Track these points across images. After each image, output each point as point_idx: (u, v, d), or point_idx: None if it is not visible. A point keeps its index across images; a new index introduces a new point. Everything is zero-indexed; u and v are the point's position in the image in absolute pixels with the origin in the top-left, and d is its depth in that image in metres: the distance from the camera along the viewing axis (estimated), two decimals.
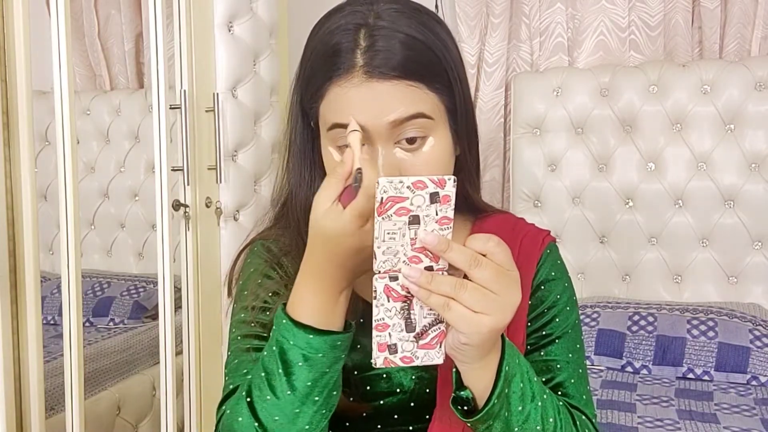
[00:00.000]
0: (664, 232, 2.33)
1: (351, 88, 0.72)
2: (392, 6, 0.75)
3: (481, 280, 0.62)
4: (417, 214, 0.62)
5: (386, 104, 0.72)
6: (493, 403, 0.69)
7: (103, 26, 2.51)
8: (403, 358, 0.65)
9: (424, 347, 0.65)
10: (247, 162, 2.00)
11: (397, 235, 0.62)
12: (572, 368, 0.84)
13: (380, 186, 0.61)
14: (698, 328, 2.04)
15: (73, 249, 1.51)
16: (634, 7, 2.41)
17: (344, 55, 0.73)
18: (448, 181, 0.61)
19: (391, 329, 0.64)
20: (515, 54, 2.54)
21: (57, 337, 1.69)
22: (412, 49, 0.73)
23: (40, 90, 1.76)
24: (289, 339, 0.70)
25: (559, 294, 0.86)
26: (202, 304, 1.89)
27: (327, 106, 0.75)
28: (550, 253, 0.88)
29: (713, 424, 1.70)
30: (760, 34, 2.30)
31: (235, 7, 1.92)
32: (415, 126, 0.73)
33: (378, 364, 0.65)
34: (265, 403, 0.72)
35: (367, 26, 0.73)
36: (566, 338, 0.85)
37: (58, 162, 1.50)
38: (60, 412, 1.65)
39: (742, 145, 2.24)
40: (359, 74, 0.72)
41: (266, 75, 2.06)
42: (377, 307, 0.64)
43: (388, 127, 0.72)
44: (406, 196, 0.61)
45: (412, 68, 0.72)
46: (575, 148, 2.39)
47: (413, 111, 0.73)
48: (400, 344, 0.65)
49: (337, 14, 0.77)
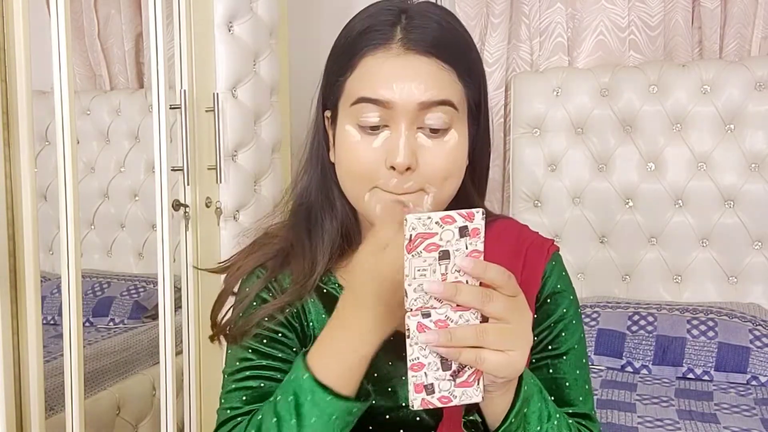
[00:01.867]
0: (664, 232, 2.33)
1: (387, 59, 0.73)
2: (424, 2, 0.78)
3: (495, 313, 0.61)
4: (447, 249, 0.61)
5: (421, 80, 0.72)
6: (510, 421, 0.68)
7: (103, 26, 2.51)
8: (441, 398, 0.63)
9: (461, 385, 0.63)
10: (247, 162, 2.00)
11: (428, 272, 0.61)
12: (579, 385, 0.83)
13: (408, 223, 0.60)
14: (698, 328, 2.04)
15: (73, 249, 1.51)
16: (634, 7, 2.41)
17: (383, 28, 0.74)
18: (477, 214, 0.61)
19: (427, 368, 0.62)
20: (515, 54, 2.54)
21: (57, 337, 1.69)
22: (448, 32, 0.75)
23: (40, 90, 1.76)
24: (308, 395, 0.69)
25: (566, 308, 0.86)
26: (202, 304, 1.89)
27: (356, 78, 0.74)
28: (556, 265, 0.87)
29: (713, 424, 1.70)
30: (760, 34, 2.30)
31: (235, 7, 1.92)
32: (441, 113, 0.73)
33: (416, 406, 0.63)
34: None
35: (406, 10, 0.76)
36: (573, 354, 0.84)
37: (58, 162, 1.50)
38: (60, 412, 1.65)
39: (742, 145, 2.24)
40: (397, 46, 0.73)
41: (266, 75, 2.06)
42: (411, 346, 0.62)
43: (417, 107, 0.72)
44: (435, 232, 0.60)
45: (447, 50, 0.74)
46: (575, 148, 2.39)
47: (444, 96, 0.73)
48: (437, 383, 0.62)
49: (372, 6, 0.78)
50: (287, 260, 0.84)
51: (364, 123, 0.74)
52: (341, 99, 0.77)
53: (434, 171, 0.74)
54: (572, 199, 2.41)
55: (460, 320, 0.61)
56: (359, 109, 0.74)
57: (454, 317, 0.61)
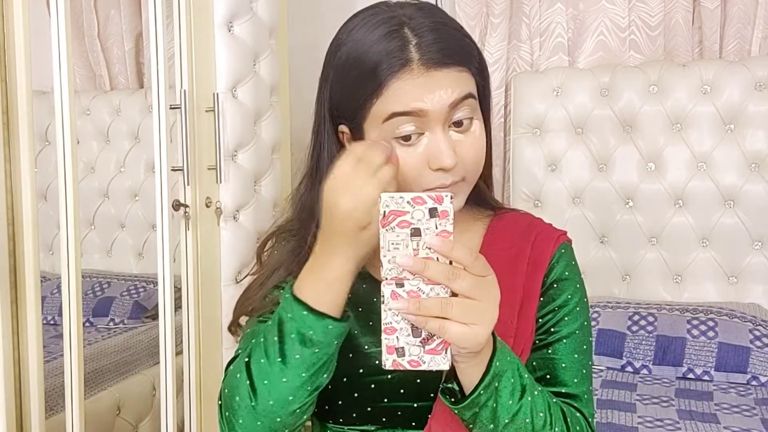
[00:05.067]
0: (664, 232, 2.33)
1: (413, 79, 0.77)
2: (413, 6, 0.81)
3: (461, 290, 0.66)
4: (418, 227, 0.67)
5: (446, 86, 0.78)
6: (479, 393, 0.73)
7: (103, 26, 2.51)
8: (410, 361, 0.69)
9: (430, 352, 0.68)
10: (247, 162, 2.00)
11: (401, 246, 0.67)
12: (576, 368, 0.86)
13: (383, 200, 0.67)
14: (698, 328, 2.04)
15: (73, 249, 1.51)
16: (634, 7, 2.41)
17: (398, 52, 0.77)
18: (446, 198, 0.67)
19: (399, 333, 0.68)
20: (515, 54, 2.54)
21: (57, 337, 1.69)
22: (452, 39, 0.79)
23: (40, 90, 1.76)
24: (288, 312, 0.75)
25: (571, 294, 0.88)
26: (202, 304, 1.89)
27: (385, 100, 0.78)
28: (564, 253, 0.91)
29: (713, 424, 1.70)
30: (760, 34, 2.30)
31: (235, 7, 1.92)
32: (466, 106, 0.79)
33: (387, 365, 0.69)
34: (259, 365, 0.76)
35: (406, 24, 0.79)
36: (573, 338, 0.87)
37: (58, 162, 1.50)
38: (60, 412, 1.65)
39: (742, 145, 2.24)
40: (417, 66, 0.77)
41: (266, 75, 2.06)
42: (385, 312, 0.68)
43: (447, 109, 0.78)
44: (407, 211, 0.67)
45: (458, 55, 0.79)
46: (575, 148, 2.39)
47: (467, 92, 0.79)
48: (408, 348, 0.68)
49: (365, 23, 0.80)
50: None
51: (400, 134, 0.78)
52: (367, 119, 0.80)
53: (471, 161, 0.81)
54: (572, 199, 2.41)
55: (431, 293, 0.67)
56: (393, 124, 0.78)
57: (425, 289, 0.67)
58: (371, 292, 0.89)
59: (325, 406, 0.88)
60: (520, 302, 0.86)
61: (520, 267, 0.88)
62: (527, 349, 0.86)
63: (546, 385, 0.85)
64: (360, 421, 0.87)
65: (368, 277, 0.90)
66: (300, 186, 0.89)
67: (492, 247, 0.90)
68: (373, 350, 0.87)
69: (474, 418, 0.75)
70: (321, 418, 0.90)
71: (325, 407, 0.88)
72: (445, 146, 0.78)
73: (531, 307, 0.86)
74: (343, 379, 0.86)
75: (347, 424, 0.88)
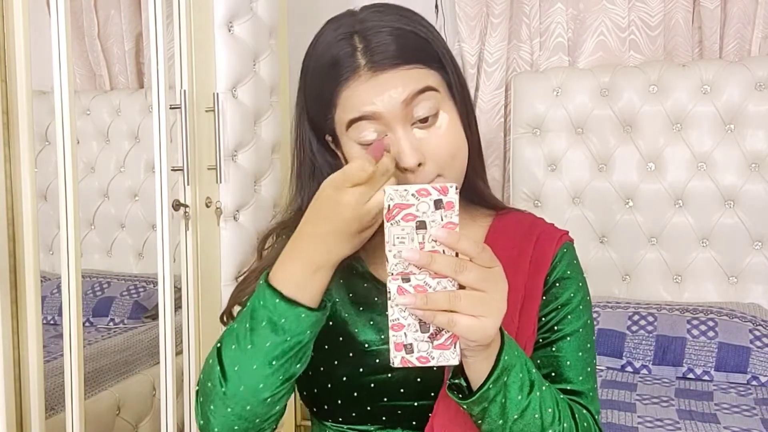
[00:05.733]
0: (664, 232, 2.33)
1: (360, 85, 0.78)
2: (372, 9, 0.82)
3: (468, 282, 0.66)
4: (423, 219, 0.65)
5: (396, 85, 0.77)
6: (488, 387, 0.72)
7: (103, 26, 2.51)
8: (419, 357, 0.67)
9: (439, 347, 0.68)
10: (247, 162, 2.00)
11: (407, 240, 0.65)
12: (580, 365, 0.87)
13: (387, 194, 0.65)
14: (698, 328, 2.04)
15: (73, 249, 1.51)
16: (634, 7, 2.41)
17: (345, 60, 0.78)
18: (450, 189, 0.65)
19: (407, 329, 0.67)
20: (515, 54, 2.53)
21: (57, 337, 1.69)
22: (402, 38, 0.79)
23: (40, 90, 1.76)
24: (260, 299, 0.75)
25: (573, 293, 0.89)
26: (202, 304, 1.89)
27: (342, 109, 0.79)
28: (567, 252, 0.91)
29: (713, 424, 1.70)
30: (760, 34, 2.30)
31: (235, 7, 1.92)
32: (425, 100, 0.78)
33: (396, 363, 0.68)
34: (230, 351, 0.77)
35: (356, 32, 0.79)
36: (577, 336, 0.87)
37: (58, 162, 1.49)
38: (60, 412, 1.65)
39: (742, 145, 2.24)
40: (364, 72, 0.78)
41: (266, 75, 2.06)
42: (392, 308, 0.67)
43: (402, 107, 0.77)
44: (411, 203, 0.65)
45: (407, 54, 0.78)
46: (575, 148, 2.39)
47: (421, 86, 0.78)
48: (416, 344, 0.67)
49: (324, 34, 0.82)
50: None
51: (364, 140, 0.79)
52: (336, 130, 0.82)
53: (440, 156, 0.80)
54: (572, 199, 2.41)
55: (438, 287, 0.66)
56: (355, 131, 0.79)
57: (432, 283, 0.66)
58: (372, 291, 0.89)
59: (325, 406, 0.88)
60: (522, 301, 0.86)
61: (522, 266, 0.88)
62: (528, 349, 0.86)
63: (551, 382, 0.85)
64: (360, 421, 0.87)
65: (369, 276, 0.90)
66: (291, 186, 0.90)
67: (494, 246, 0.89)
68: (373, 349, 0.87)
69: (483, 414, 0.75)
70: (321, 418, 0.90)
71: (324, 407, 0.88)
72: (406, 145, 0.77)
73: (533, 307, 0.86)
74: (342, 378, 0.86)
75: (347, 423, 0.88)
